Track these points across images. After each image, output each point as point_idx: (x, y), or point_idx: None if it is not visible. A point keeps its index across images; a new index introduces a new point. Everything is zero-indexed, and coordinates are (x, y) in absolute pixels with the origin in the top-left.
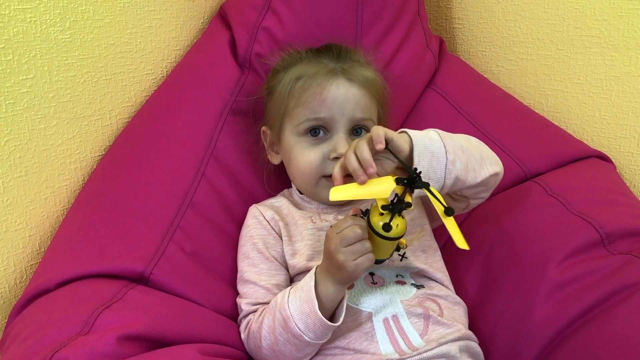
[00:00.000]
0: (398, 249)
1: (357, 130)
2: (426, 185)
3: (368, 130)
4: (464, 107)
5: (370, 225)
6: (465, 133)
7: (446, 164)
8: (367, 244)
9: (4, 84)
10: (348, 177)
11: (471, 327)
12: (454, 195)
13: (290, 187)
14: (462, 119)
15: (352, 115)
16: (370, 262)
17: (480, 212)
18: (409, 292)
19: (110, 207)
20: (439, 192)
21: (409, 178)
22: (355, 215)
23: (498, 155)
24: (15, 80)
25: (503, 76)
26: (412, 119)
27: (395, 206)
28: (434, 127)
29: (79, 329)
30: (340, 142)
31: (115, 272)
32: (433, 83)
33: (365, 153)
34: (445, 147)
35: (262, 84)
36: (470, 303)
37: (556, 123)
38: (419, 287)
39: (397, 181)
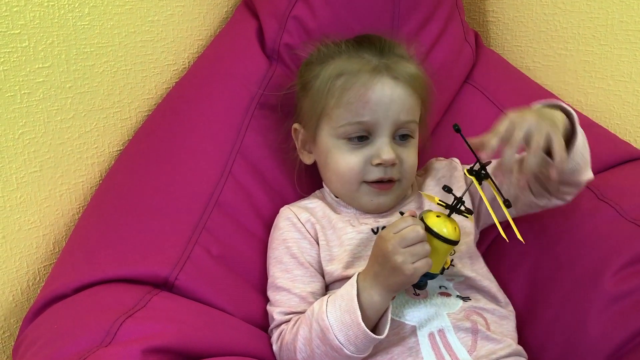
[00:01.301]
0: (443, 270)
1: (401, 136)
2: (489, 179)
3: (411, 135)
4: (505, 104)
5: (427, 228)
6: None
7: (584, 139)
8: (428, 247)
9: (19, 72)
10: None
11: (519, 341)
12: (537, 189)
13: (322, 187)
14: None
15: (397, 118)
16: (429, 267)
17: (526, 217)
18: (456, 304)
19: (130, 206)
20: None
21: (477, 168)
22: (412, 217)
23: None
24: (30, 68)
25: (540, 73)
26: (450, 116)
27: (456, 205)
28: (474, 125)
29: (100, 339)
30: (384, 147)
31: (138, 276)
32: (471, 78)
33: (536, 163)
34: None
35: (292, 77)
36: (516, 314)
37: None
38: (465, 299)
39: (469, 171)
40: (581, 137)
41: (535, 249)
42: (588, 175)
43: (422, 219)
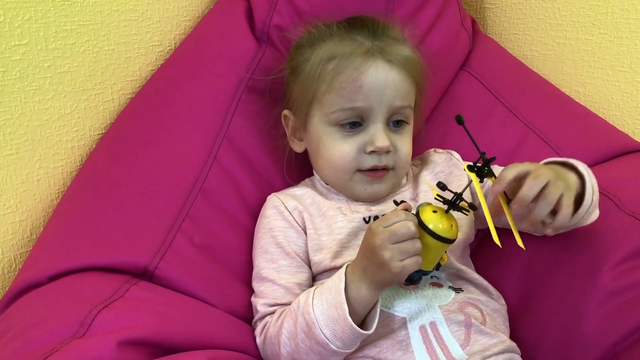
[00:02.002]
0: (438, 266)
1: (395, 122)
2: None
3: (406, 121)
4: (502, 92)
5: (421, 224)
6: (502, 120)
7: (589, 207)
8: (418, 244)
9: None
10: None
11: (511, 336)
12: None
13: (312, 175)
14: (500, 106)
15: (392, 103)
16: (418, 266)
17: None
18: (448, 296)
19: (111, 192)
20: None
21: (479, 165)
22: (406, 210)
23: (539, 147)
24: (6, 45)
25: (537, 61)
26: (446, 103)
27: (455, 201)
28: (470, 113)
29: (74, 330)
30: (378, 134)
31: (116, 265)
32: (467, 65)
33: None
34: (593, 188)
35: (282, 60)
36: (510, 309)
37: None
38: (457, 290)
39: (469, 168)
40: (588, 201)
41: (531, 242)
42: (593, 219)
43: (417, 213)
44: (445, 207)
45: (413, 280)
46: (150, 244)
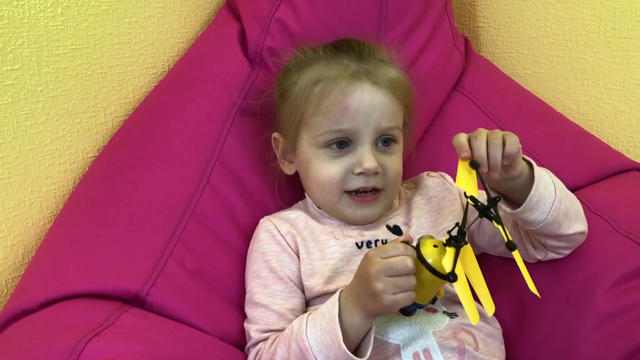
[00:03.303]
0: (434, 300)
1: (384, 140)
2: (498, 219)
3: (394, 140)
4: (494, 112)
5: (420, 257)
6: None
7: (554, 200)
8: (413, 281)
9: None
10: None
11: None
12: (535, 242)
13: (305, 198)
14: (493, 125)
15: (378, 125)
16: (410, 301)
17: None
18: (442, 322)
19: (102, 216)
20: (539, 227)
21: (482, 204)
22: (407, 242)
23: None
24: None
25: (531, 80)
26: (438, 123)
27: (460, 239)
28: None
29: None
30: (365, 155)
31: (107, 291)
32: (460, 85)
33: (499, 159)
34: (554, 184)
35: (275, 82)
36: (505, 333)
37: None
38: (452, 315)
39: (480, 213)
40: (542, 185)
41: (524, 262)
42: (575, 229)
43: (418, 246)
44: (448, 240)
45: (407, 311)
46: (142, 270)
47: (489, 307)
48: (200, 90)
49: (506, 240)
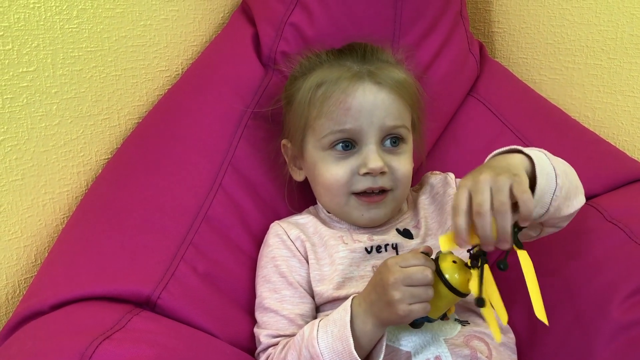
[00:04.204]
0: (444, 316)
1: (392, 141)
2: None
3: (402, 140)
4: (510, 118)
5: (438, 271)
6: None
7: (555, 190)
8: (431, 292)
9: (2, 76)
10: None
11: None
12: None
13: (316, 204)
14: (508, 132)
15: (383, 123)
16: (425, 313)
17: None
18: (454, 329)
19: (115, 219)
20: (539, 220)
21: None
22: (427, 254)
23: None
24: (14, 72)
25: (546, 86)
26: (452, 128)
27: (482, 259)
28: (477, 139)
29: None
30: (371, 155)
31: (119, 294)
32: (475, 90)
33: (508, 229)
34: (555, 170)
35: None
36: (518, 342)
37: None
38: (463, 323)
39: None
40: (544, 179)
41: (537, 273)
42: (575, 206)
43: (437, 259)
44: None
45: (416, 324)
46: (153, 273)
47: (503, 316)
48: (214, 93)
49: (475, 296)
